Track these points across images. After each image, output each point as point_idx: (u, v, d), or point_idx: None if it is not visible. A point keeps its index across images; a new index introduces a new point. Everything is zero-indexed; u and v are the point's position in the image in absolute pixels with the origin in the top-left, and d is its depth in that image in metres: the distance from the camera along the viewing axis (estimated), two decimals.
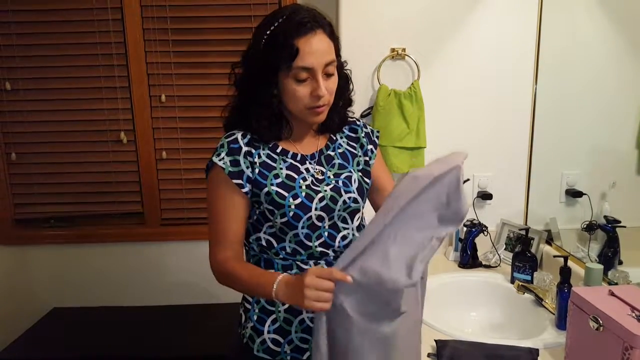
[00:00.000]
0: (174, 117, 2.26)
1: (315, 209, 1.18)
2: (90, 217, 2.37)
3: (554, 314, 1.43)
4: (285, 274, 1.10)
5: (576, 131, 1.73)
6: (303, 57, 1.09)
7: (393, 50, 1.91)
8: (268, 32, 1.12)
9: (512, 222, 1.97)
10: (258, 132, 1.19)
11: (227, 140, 1.20)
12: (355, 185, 1.25)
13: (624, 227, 1.48)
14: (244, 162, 1.17)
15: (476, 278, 1.77)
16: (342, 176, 1.24)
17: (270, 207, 1.17)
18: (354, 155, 1.30)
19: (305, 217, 1.17)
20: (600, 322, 1.04)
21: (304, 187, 1.19)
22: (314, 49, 1.10)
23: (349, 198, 1.22)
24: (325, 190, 1.20)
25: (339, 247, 1.22)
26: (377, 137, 1.37)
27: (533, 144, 1.97)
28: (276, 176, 1.18)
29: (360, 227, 1.28)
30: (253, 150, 1.19)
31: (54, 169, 2.30)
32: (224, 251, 1.19)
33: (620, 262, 1.49)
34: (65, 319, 2.28)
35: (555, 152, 1.85)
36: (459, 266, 1.89)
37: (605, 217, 1.55)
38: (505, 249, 1.94)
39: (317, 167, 1.23)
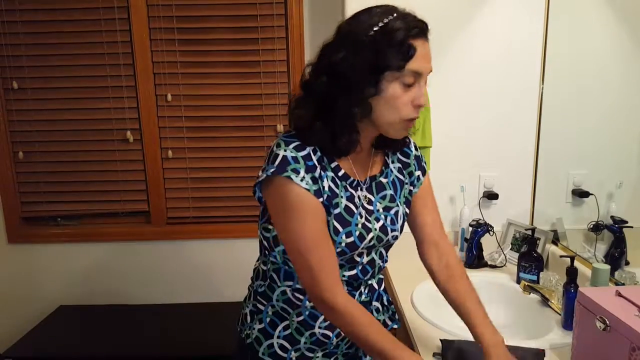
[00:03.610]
0: (180, 117, 2.27)
1: (362, 248, 1.10)
2: (96, 216, 2.38)
3: (560, 315, 1.42)
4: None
5: (583, 131, 1.72)
6: (417, 59, 0.98)
7: None
8: (379, 26, 0.97)
9: (518, 222, 1.97)
10: (336, 144, 1.04)
11: (300, 154, 1.03)
12: (400, 222, 1.18)
13: (631, 227, 1.47)
14: (320, 182, 1.04)
15: (482, 278, 1.76)
16: (391, 211, 1.16)
17: None
18: (402, 184, 1.20)
19: (349, 255, 1.10)
20: (607, 322, 1.03)
21: (359, 225, 1.09)
22: (426, 54, 1.01)
23: (393, 236, 1.17)
24: (375, 229, 1.12)
25: (366, 278, 1.17)
26: (425, 162, 1.26)
27: (539, 143, 1.96)
28: (336, 205, 1.06)
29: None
30: (322, 172, 1.05)
31: (61, 168, 2.32)
32: (339, 286, 1.04)
33: (627, 263, 1.48)
34: (71, 316, 2.29)
35: (562, 152, 1.84)
36: (465, 266, 1.89)
37: (612, 217, 1.55)
38: (511, 249, 1.94)
39: (367, 194, 1.13)
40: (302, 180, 1.01)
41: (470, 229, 1.90)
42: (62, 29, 2.20)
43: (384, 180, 1.16)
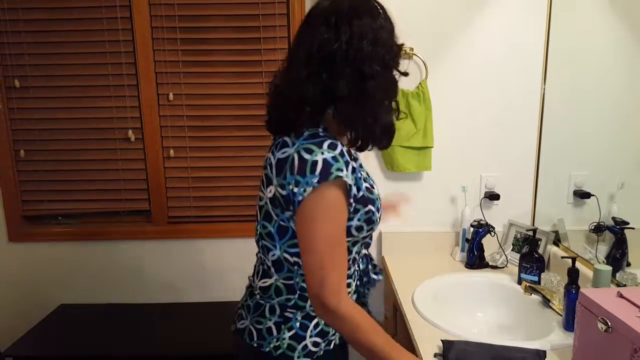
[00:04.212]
0: (181, 116, 2.27)
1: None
2: (97, 215, 2.38)
3: (561, 316, 1.42)
4: None
5: (585, 132, 1.72)
6: None
7: None
8: (387, 21, 1.07)
9: (520, 222, 1.97)
10: (388, 132, 1.11)
11: (336, 152, 1.03)
12: None
13: (632, 228, 1.47)
14: (354, 174, 1.07)
15: (483, 279, 1.76)
16: (370, 174, 1.25)
17: (362, 224, 1.11)
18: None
19: (376, 229, 1.18)
20: (609, 323, 1.03)
21: (379, 197, 1.17)
22: None
23: None
24: (379, 194, 1.21)
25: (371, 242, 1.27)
26: None
27: (541, 144, 1.96)
28: (367, 190, 1.13)
29: None
30: (353, 163, 1.08)
31: (62, 167, 2.31)
32: (345, 291, 1.06)
33: (629, 264, 1.48)
34: (72, 315, 2.29)
35: (564, 152, 1.84)
36: (466, 267, 1.89)
37: (613, 218, 1.55)
38: (512, 250, 1.94)
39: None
40: (347, 176, 1.03)
41: (472, 229, 1.90)
42: (64, 27, 2.19)
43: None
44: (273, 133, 1.17)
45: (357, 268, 1.24)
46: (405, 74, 1.13)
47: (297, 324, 1.17)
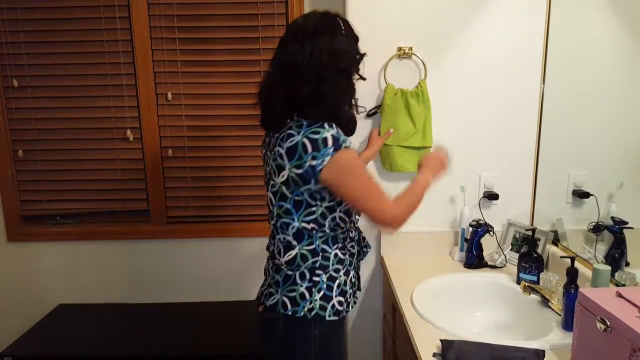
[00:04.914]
0: (180, 115, 2.27)
1: None
2: (96, 215, 2.37)
3: (560, 315, 1.42)
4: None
5: (584, 131, 1.72)
6: None
7: (400, 49, 1.91)
8: (347, 36, 1.31)
9: (518, 222, 1.96)
10: (349, 121, 1.39)
11: (337, 129, 1.27)
12: None
13: (631, 228, 1.47)
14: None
15: (482, 278, 1.76)
16: None
17: None
18: None
19: None
20: (608, 323, 1.03)
21: None
22: None
23: None
24: None
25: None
26: None
27: (540, 144, 1.96)
28: None
29: None
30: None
31: (61, 166, 2.31)
32: (390, 203, 1.33)
33: (627, 264, 1.48)
34: (71, 315, 2.29)
35: (563, 152, 1.84)
36: (465, 266, 1.89)
37: (612, 218, 1.55)
38: (511, 250, 1.94)
39: None
40: (349, 144, 1.27)
41: (471, 229, 1.90)
42: (62, 27, 2.19)
43: None
44: (266, 129, 1.40)
45: (354, 234, 1.47)
46: (363, 79, 1.40)
47: (325, 286, 1.35)
